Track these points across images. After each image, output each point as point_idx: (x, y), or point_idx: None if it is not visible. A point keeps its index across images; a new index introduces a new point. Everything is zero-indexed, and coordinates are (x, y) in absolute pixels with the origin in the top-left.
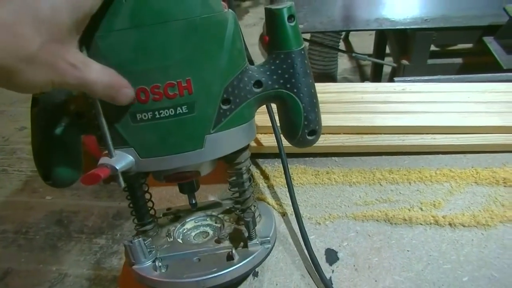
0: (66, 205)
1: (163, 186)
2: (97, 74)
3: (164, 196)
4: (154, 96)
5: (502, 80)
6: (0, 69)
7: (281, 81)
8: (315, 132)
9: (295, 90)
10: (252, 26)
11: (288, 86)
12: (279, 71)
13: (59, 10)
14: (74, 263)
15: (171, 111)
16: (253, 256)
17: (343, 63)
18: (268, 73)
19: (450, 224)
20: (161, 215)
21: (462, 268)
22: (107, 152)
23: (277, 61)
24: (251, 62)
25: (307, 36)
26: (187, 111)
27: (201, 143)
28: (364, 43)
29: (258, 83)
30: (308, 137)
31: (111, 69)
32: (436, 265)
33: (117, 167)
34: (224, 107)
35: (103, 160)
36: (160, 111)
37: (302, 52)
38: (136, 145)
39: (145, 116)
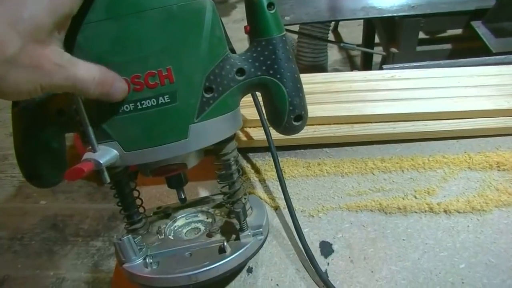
0: (60, 209)
1: (152, 185)
2: (86, 71)
3: (154, 195)
4: (135, 86)
5: (491, 63)
6: None
7: (264, 67)
8: (301, 117)
9: (278, 76)
10: (240, 21)
11: (271, 72)
12: (261, 58)
13: (38, 12)
14: (71, 267)
15: (153, 101)
16: (245, 247)
17: (333, 54)
18: (250, 60)
19: (445, 211)
20: (151, 214)
21: (458, 255)
22: (90, 147)
23: (259, 48)
24: (234, 52)
25: (296, 28)
26: (169, 100)
27: (185, 133)
28: (353, 34)
29: (240, 71)
30: (294, 122)
31: (99, 65)
32: (432, 253)
33: (101, 162)
34: (207, 95)
35: (87, 155)
36: (142, 102)
37: (284, 39)
38: (120, 139)
39: (127, 107)
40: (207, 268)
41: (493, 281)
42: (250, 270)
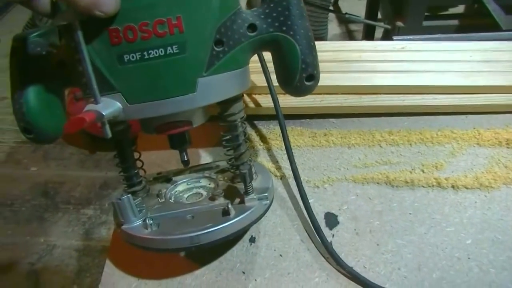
0: (51, 176)
1: (153, 151)
2: None
3: (154, 161)
4: (142, 34)
5: (504, 39)
6: None
7: (276, 24)
8: (313, 77)
9: (291, 33)
10: None
11: (284, 28)
12: (274, 14)
13: None
14: (62, 234)
15: (161, 51)
16: (250, 211)
17: (333, 28)
18: (262, 16)
19: (452, 187)
20: (151, 179)
21: (465, 231)
22: (93, 100)
23: (272, 4)
24: None
25: None
26: (178, 51)
27: (193, 86)
28: (354, 8)
29: (252, 27)
30: (306, 82)
31: None
32: (439, 228)
33: (104, 113)
34: (217, 49)
35: (89, 106)
36: (149, 51)
37: None
38: (124, 90)
39: (133, 57)
40: (210, 230)
41: (499, 257)
42: (252, 240)
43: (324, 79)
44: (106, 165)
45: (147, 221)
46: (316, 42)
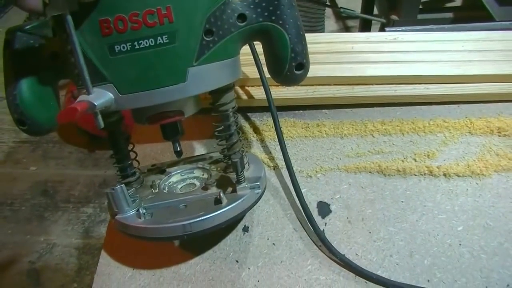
0: (50, 175)
1: (147, 143)
2: None
3: (149, 154)
4: (132, 24)
5: (496, 28)
6: None
7: (266, 13)
8: (302, 65)
9: (280, 22)
10: None
11: (273, 18)
12: (263, 4)
13: None
14: (62, 233)
15: (151, 41)
16: (242, 199)
17: (330, 25)
18: (252, 6)
19: (444, 175)
20: (145, 171)
21: (457, 218)
22: (85, 91)
23: None
24: None
25: None
26: (168, 41)
27: (184, 76)
28: (350, 4)
29: (242, 17)
30: (295, 71)
31: None
32: (431, 215)
33: (96, 103)
34: (207, 38)
35: (81, 97)
36: (140, 41)
37: None
38: (115, 80)
39: (123, 47)
40: (202, 218)
41: (490, 243)
42: (246, 229)
43: (317, 70)
44: (105, 164)
45: (141, 211)
46: (309, 34)
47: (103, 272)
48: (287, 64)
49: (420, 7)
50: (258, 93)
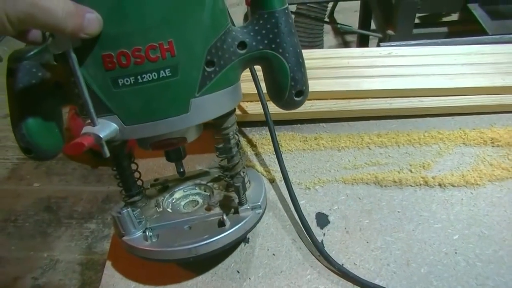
0: (54, 191)
1: (149, 158)
2: (54, 1)
3: (151, 168)
4: (135, 59)
5: (487, 42)
6: None
7: (266, 41)
8: (302, 92)
9: (280, 50)
10: (236, 6)
11: (273, 46)
12: (263, 31)
13: None
14: (65, 248)
15: (154, 75)
16: (244, 221)
17: (329, 40)
18: (252, 33)
19: (439, 185)
20: (148, 186)
21: (452, 227)
22: (89, 121)
23: (261, 21)
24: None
25: (293, 8)
26: (170, 74)
27: (186, 107)
28: (348, 20)
29: (242, 44)
30: (295, 98)
31: None
32: (426, 224)
33: (101, 136)
34: (209, 69)
35: (86, 129)
36: (143, 75)
37: (286, 12)
38: (120, 112)
39: (127, 81)
40: (207, 241)
41: (485, 251)
42: (247, 241)
43: (314, 85)
44: (108, 180)
45: (147, 233)
46: (306, 50)
47: (107, 283)
48: (287, 91)
49: (417, 21)
50: (255, 108)
